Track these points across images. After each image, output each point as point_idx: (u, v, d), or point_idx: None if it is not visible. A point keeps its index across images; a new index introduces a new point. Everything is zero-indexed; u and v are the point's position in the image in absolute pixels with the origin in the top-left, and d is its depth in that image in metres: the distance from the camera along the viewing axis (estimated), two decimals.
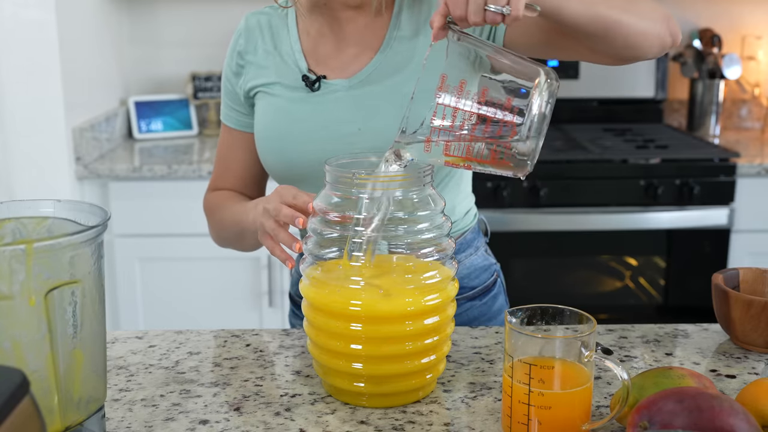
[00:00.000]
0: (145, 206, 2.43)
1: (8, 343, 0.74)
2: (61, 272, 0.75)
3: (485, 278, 1.32)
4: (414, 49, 1.20)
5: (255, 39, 1.26)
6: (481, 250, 1.33)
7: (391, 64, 1.19)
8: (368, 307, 0.90)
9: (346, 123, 1.18)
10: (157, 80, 2.97)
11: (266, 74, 1.23)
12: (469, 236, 1.30)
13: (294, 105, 1.20)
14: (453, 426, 0.89)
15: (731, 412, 0.73)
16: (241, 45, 1.27)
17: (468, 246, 1.30)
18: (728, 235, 2.53)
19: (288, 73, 1.22)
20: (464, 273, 1.29)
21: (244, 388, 0.98)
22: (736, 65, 2.89)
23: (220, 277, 2.48)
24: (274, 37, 1.25)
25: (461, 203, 1.29)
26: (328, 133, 1.18)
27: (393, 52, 1.20)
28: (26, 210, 0.84)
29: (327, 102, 1.19)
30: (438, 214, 0.94)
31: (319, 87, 1.20)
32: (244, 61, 1.26)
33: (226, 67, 1.29)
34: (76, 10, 2.45)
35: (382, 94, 1.18)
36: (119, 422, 0.90)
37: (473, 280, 1.30)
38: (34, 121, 2.31)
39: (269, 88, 1.23)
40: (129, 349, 1.09)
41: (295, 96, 1.21)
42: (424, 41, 1.19)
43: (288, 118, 1.20)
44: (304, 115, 1.20)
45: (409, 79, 1.17)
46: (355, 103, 1.18)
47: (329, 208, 0.93)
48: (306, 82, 1.20)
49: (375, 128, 1.17)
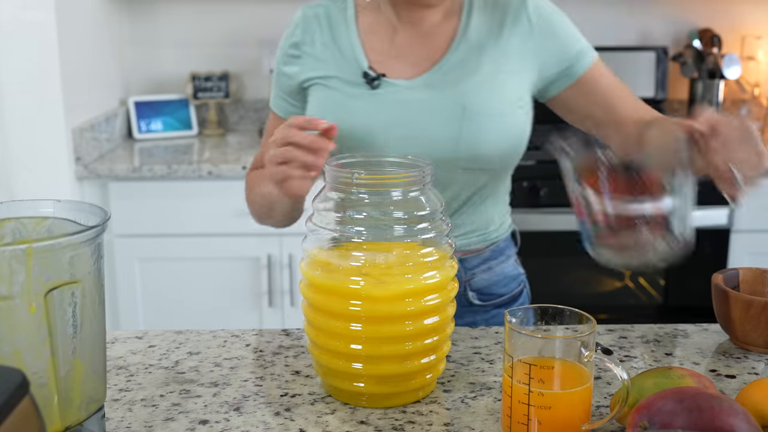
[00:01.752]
0: (145, 206, 2.43)
1: (8, 343, 0.74)
2: (61, 272, 0.75)
3: (513, 287, 1.33)
4: (480, 58, 1.17)
5: (312, 31, 1.23)
6: (512, 259, 1.34)
7: (455, 71, 1.17)
8: (368, 307, 0.90)
9: (403, 126, 1.16)
10: (156, 80, 2.97)
11: (324, 67, 1.21)
12: (502, 245, 1.31)
13: (352, 100, 1.18)
14: (453, 426, 0.89)
15: (731, 412, 0.73)
16: (297, 36, 1.24)
17: (500, 254, 1.31)
18: (728, 235, 2.53)
19: (347, 67, 1.20)
20: (494, 280, 1.30)
21: (244, 388, 0.98)
22: (735, 65, 2.89)
23: (220, 277, 2.48)
24: (332, 29, 1.23)
25: (499, 214, 1.29)
26: (383, 132, 1.16)
27: (458, 59, 1.18)
28: (26, 210, 0.84)
29: (386, 102, 1.17)
30: (438, 214, 0.94)
31: (379, 85, 1.18)
32: (301, 52, 1.23)
33: (279, 57, 1.27)
34: (76, 10, 2.45)
35: (442, 101, 1.16)
36: (119, 422, 0.90)
37: (502, 287, 1.31)
38: (34, 121, 2.31)
39: (327, 81, 1.21)
40: (129, 349, 1.09)
41: (354, 92, 1.18)
42: (492, 51, 1.18)
43: (345, 113, 1.18)
44: (361, 111, 1.17)
45: (472, 91, 1.16)
46: (414, 106, 1.16)
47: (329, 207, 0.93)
48: (366, 78, 1.18)
49: (430, 136, 1.15)
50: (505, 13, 1.20)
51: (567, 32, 1.22)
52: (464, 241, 1.26)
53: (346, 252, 0.92)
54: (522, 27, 1.19)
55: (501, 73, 1.18)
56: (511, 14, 1.19)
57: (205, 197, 2.42)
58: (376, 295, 0.89)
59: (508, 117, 1.17)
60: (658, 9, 2.99)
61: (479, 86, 1.16)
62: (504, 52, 1.18)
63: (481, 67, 1.17)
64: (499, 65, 1.18)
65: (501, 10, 1.20)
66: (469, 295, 1.29)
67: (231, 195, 2.42)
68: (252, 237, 2.44)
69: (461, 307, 1.28)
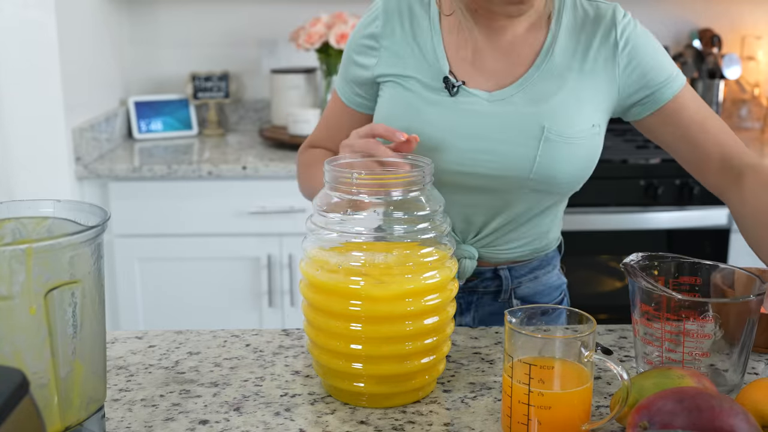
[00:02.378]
0: (145, 206, 2.43)
1: (8, 344, 0.74)
2: (61, 272, 0.75)
3: (555, 296, 1.32)
4: (564, 79, 1.13)
5: (393, 23, 1.18)
6: (557, 269, 1.32)
7: (537, 90, 1.13)
8: (368, 307, 0.90)
9: (478, 139, 1.13)
10: (156, 80, 2.97)
11: (402, 65, 1.17)
12: (551, 254, 1.30)
13: (428, 106, 1.14)
14: (453, 426, 0.89)
15: (731, 412, 0.73)
16: (377, 27, 1.18)
17: (548, 263, 1.29)
18: (728, 235, 2.53)
19: (427, 69, 1.16)
20: (539, 289, 1.28)
21: (244, 388, 0.98)
22: (735, 65, 2.89)
23: (220, 277, 2.48)
24: (414, 25, 1.17)
25: (555, 228, 1.28)
26: (455, 142, 1.13)
27: (541, 78, 1.14)
28: (26, 210, 0.84)
29: (463, 111, 1.13)
30: (438, 214, 0.94)
31: (458, 92, 1.14)
32: (379, 44, 1.18)
33: (352, 44, 1.22)
34: (76, 10, 2.45)
35: (521, 119, 1.12)
36: (119, 422, 0.90)
37: (545, 296, 1.30)
38: (33, 121, 2.31)
39: (404, 80, 1.16)
40: (129, 349, 1.09)
41: (432, 97, 1.15)
42: (576, 73, 1.14)
43: (418, 117, 1.14)
44: (436, 117, 1.14)
45: (553, 113, 1.12)
46: (491, 119, 1.13)
47: (329, 207, 0.93)
48: (446, 84, 1.14)
49: (505, 152, 1.12)
50: (593, 34, 1.15)
51: (655, 59, 1.17)
52: (517, 253, 1.24)
53: (346, 252, 0.92)
54: (608, 50, 1.15)
55: (583, 97, 1.14)
56: (599, 36, 1.15)
57: (205, 197, 2.42)
58: (376, 295, 0.89)
59: (585, 141, 1.14)
60: (658, 9, 2.99)
61: (561, 108, 1.12)
62: (588, 74, 1.14)
63: (563, 89, 1.13)
64: (581, 88, 1.14)
65: (589, 31, 1.15)
66: (513, 303, 1.27)
67: (231, 195, 2.42)
68: (252, 237, 2.44)
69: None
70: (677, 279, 1.02)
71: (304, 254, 0.95)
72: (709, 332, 0.92)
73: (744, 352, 0.94)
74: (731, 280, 1.03)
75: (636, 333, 0.98)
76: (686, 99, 1.18)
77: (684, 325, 0.92)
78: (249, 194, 2.42)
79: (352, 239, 0.92)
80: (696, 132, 1.18)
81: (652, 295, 0.94)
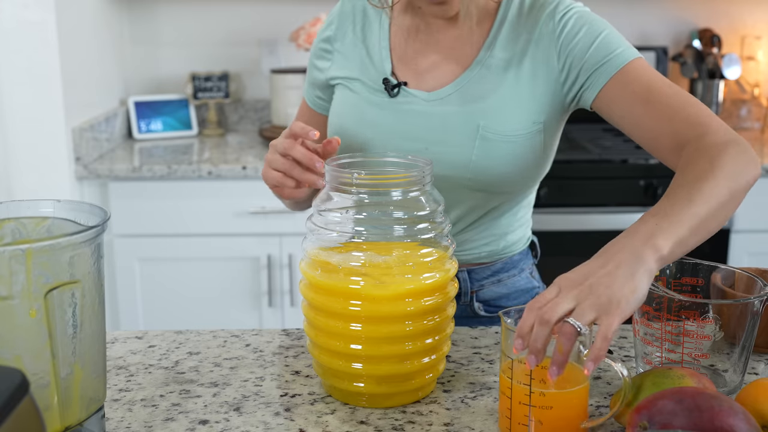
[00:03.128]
0: (145, 206, 2.43)
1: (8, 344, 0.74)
2: (61, 272, 0.75)
3: (524, 300, 1.29)
4: (502, 81, 1.13)
5: (346, 26, 1.21)
6: (526, 272, 1.30)
7: (474, 89, 1.14)
8: (368, 307, 0.90)
9: (415, 139, 1.14)
10: (156, 80, 2.97)
11: (350, 67, 1.20)
12: (516, 257, 1.28)
13: (370, 107, 1.17)
14: (453, 426, 0.89)
15: (731, 412, 0.73)
16: (331, 31, 1.23)
17: (513, 267, 1.28)
18: (728, 235, 2.53)
19: (371, 71, 1.18)
20: (503, 293, 1.27)
21: (244, 388, 0.98)
22: (735, 65, 2.89)
23: (220, 277, 2.48)
24: (366, 27, 1.21)
25: (516, 230, 1.26)
26: (395, 142, 1.15)
27: (479, 77, 1.14)
28: (26, 210, 0.84)
29: (402, 112, 1.15)
30: (438, 214, 0.94)
31: (398, 93, 1.16)
32: (332, 48, 1.22)
33: (313, 48, 1.26)
34: (76, 10, 2.45)
35: (458, 118, 1.13)
36: (119, 422, 0.90)
37: (512, 300, 1.28)
38: (34, 121, 2.31)
39: (350, 82, 1.19)
40: (129, 349, 1.09)
41: (373, 98, 1.17)
42: (515, 72, 1.12)
43: (362, 119, 1.17)
44: (377, 119, 1.16)
45: (490, 111, 1.12)
46: (429, 120, 1.14)
47: (329, 207, 0.93)
48: (386, 85, 1.16)
49: (441, 151, 1.13)
50: (532, 30, 1.13)
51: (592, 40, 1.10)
52: (473, 255, 1.23)
53: (346, 252, 0.92)
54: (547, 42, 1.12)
55: (522, 94, 1.13)
56: (537, 31, 1.13)
57: (205, 197, 2.42)
58: (376, 295, 0.89)
59: (523, 140, 1.13)
60: (658, 9, 2.99)
61: (497, 107, 1.12)
62: (527, 71, 1.13)
63: (501, 86, 1.13)
64: (521, 86, 1.13)
65: (529, 28, 1.13)
66: (475, 305, 1.26)
67: (231, 195, 2.42)
68: (252, 237, 2.44)
69: (467, 317, 1.26)
70: (679, 279, 1.02)
71: (304, 254, 0.95)
72: (708, 333, 0.92)
73: (744, 353, 0.94)
74: (732, 280, 1.03)
75: (636, 333, 0.98)
76: (632, 75, 1.08)
77: (684, 325, 0.92)
78: (249, 194, 2.41)
79: (352, 239, 0.92)
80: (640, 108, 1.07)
81: (652, 296, 0.94)
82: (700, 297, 1.00)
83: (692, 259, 1.02)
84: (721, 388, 0.94)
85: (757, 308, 0.93)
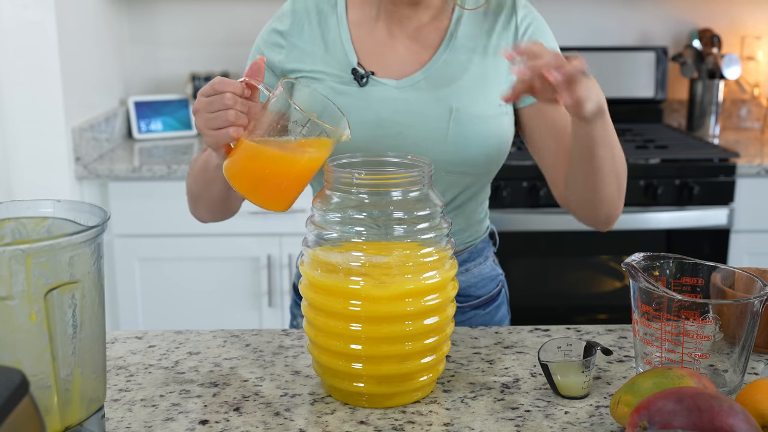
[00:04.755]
0: (145, 206, 2.43)
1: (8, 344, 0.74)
2: (61, 272, 0.75)
3: (491, 288, 1.32)
4: (469, 62, 1.18)
5: (302, 22, 1.21)
6: (490, 260, 1.33)
7: (443, 73, 1.17)
8: (368, 307, 0.90)
9: (389, 125, 1.16)
10: (156, 80, 2.97)
11: (311, 61, 1.20)
12: (480, 245, 1.30)
13: (338, 96, 1.16)
14: (453, 426, 0.89)
15: (731, 412, 0.73)
16: (285, 25, 1.22)
17: (478, 255, 1.30)
18: (728, 235, 2.53)
19: (335, 63, 1.19)
20: (472, 282, 1.29)
21: (244, 388, 0.98)
22: (735, 65, 2.89)
23: (220, 277, 2.48)
24: (322, 23, 1.21)
25: (478, 218, 1.29)
26: (368, 131, 1.16)
27: (447, 62, 1.18)
28: (26, 210, 0.84)
29: (373, 100, 1.17)
30: (438, 214, 0.94)
31: (367, 83, 1.17)
32: (286, 42, 1.21)
33: (260, 43, 1.24)
34: (76, 10, 2.45)
35: (430, 102, 1.16)
36: (119, 422, 0.90)
37: (480, 289, 1.30)
38: (34, 121, 2.31)
39: (315, 74, 1.19)
40: (129, 349, 1.09)
41: (342, 88, 1.17)
42: (480, 55, 1.18)
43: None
44: (347, 109, 1.14)
45: (461, 93, 1.16)
46: (400, 106, 1.16)
47: (329, 207, 0.93)
48: (355, 75, 1.17)
49: (415, 135, 1.15)
50: (495, 18, 1.20)
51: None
52: None
53: (346, 252, 0.92)
54: (509, 34, 1.19)
55: (488, 78, 1.18)
56: (501, 20, 1.20)
57: None
58: (376, 295, 0.89)
59: (494, 120, 1.17)
60: (658, 9, 2.99)
61: (467, 89, 1.16)
62: (491, 57, 1.18)
63: (468, 71, 1.17)
64: (486, 69, 1.18)
65: (491, 16, 1.20)
66: None
67: None
68: (252, 237, 2.44)
69: None
70: (679, 279, 1.02)
71: (304, 254, 0.95)
72: (708, 334, 0.92)
73: (744, 353, 0.94)
74: (731, 280, 1.03)
75: (636, 333, 0.98)
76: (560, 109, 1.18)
77: (684, 325, 0.92)
78: None
79: (352, 239, 0.92)
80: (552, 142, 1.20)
81: (652, 296, 0.94)
82: (700, 297, 1.00)
83: (692, 259, 1.02)
84: (721, 388, 0.94)
85: (757, 308, 0.93)
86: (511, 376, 1.01)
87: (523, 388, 0.97)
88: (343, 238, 0.92)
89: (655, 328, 0.94)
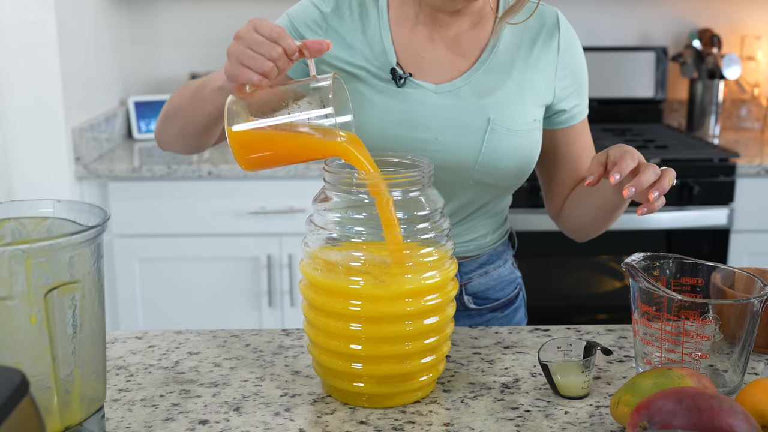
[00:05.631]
0: (145, 206, 2.43)
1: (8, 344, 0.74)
2: (61, 273, 0.75)
3: (509, 291, 1.32)
4: (507, 76, 1.17)
5: (343, 9, 1.18)
6: (509, 263, 1.33)
7: (482, 83, 1.16)
8: (368, 307, 0.90)
9: (424, 129, 1.15)
10: (156, 80, 2.97)
11: (351, 53, 1.17)
12: (500, 248, 1.30)
13: (376, 93, 1.15)
14: (452, 426, 0.89)
15: (731, 412, 0.73)
16: (328, 7, 1.18)
17: (498, 258, 1.30)
18: (728, 235, 2.53)
19: (374, 59, 1.16)
20: (491, 284, 1.29)
21: (243, 388, 0.98)
22: (735, 65, 2.89)
23: (220, 277, 2.48)
24: (363, 16, 1.18)
25: (498, 228, 1.29)
26: (403, 131, 1.14)
27: (487, 72, 1.17)
28: (26, 210, 0.84)
29: (410, 102, 1.15)
30: (438, 214, 0.94)
31: (404, 84, 1.15)
32: (327, 24, 1.17)
33: (293, 15, 1.20)
34: (76, 10, 2.45)
35: (468, 111, 1.15)
36: (119, 422, 0.90)
37: (498, 291, 1.30)
38: (34, 121, 2.31)
39: (351, 67, 1.16)
40: (129, 349, 1.09)
41: (380, 86, 1.16)
42: (520, 68, 1.18)
43: (365, 104, 1.15)
44: (383, 106, 1.15)
45: (499, 105, 1.15)
46: (438, 111, 1.15)
47: (329, 207, 0.93)
48: (393, 75, 1.15)
49: (450, 143, 1.14)
50: (537, 34, 1.19)
51: (584, 77, 1.24)
52: (462, 249, 1.25)
53: (346, 252, 0.92)
54: (550, 52, 1.19)
55: (526, 92, 1.17)
56: (543, 35, 1.19)
57: (204, 197, 2.42)
58: (376, 295, 0.89)
59: (528, 135, 1.17)
60: (658, 9, 2.99)
61: (505, 101, 1.16)
62: (530, 72, 1.18)
63: (507, 83, 1.17)
64: (524, 84, 1.17)
65: (533, 30, 1.19)
66: (464, 299, 1.27)
67: (231, 195, 2.42)
68: (252, 237, 2.44)
69: (456, 311, 1.27)
70: (679, 279, 1.02)
71: (304, 254, 0.95)
72: (708, 334, 0.92)
73: (744, 353, 0.94)
74: (731, 280, 1.03)
75: (636, 333, 0.98)
76: (586, 127, 1.27)
77: (684, 325, 0.92)
78: (249, 194, 2.42)
79: (352, 239, 0.92)
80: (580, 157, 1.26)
81: (652, 296, 0.94)
82: (700, 297, 1.00)
83: (692, 260, 1.02)
84: (721, 388, 0.94)
85: (757, 308, 0.93)
86: (511, 376, 1.01)
87: (523, 388, 0.97)
88: (343, 238, 0.92)
89: (655, 328, 0.94)
